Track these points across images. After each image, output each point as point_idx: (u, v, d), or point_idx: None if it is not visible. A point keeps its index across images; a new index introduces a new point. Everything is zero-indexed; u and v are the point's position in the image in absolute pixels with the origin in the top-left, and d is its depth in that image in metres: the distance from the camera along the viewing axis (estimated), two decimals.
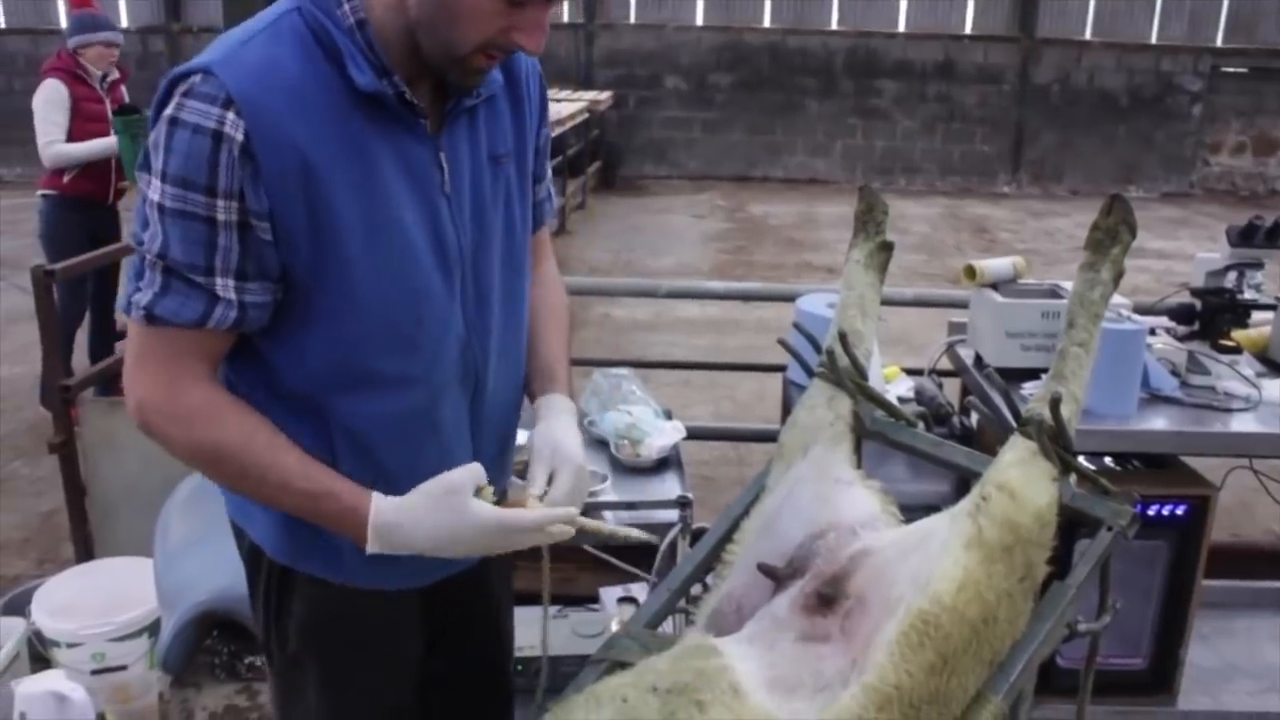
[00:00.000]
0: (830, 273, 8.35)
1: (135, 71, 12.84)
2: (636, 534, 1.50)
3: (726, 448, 4.70)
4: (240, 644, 1.70)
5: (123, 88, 4.89)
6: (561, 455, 1.44)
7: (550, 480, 1.43)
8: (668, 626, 1.64)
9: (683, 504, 2.34)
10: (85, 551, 3.15)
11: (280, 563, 1.47)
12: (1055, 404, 1.34)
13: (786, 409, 2.65)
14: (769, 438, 3.73)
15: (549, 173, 1.62)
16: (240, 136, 1.17)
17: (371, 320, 1.31)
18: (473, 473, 1.32)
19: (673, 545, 2.29)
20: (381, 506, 1.30)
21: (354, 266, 1.27)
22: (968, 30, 13.48)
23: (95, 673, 2.71)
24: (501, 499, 1.42)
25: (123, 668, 2.75)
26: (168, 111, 1.19)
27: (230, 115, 1.17)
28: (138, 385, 1.29)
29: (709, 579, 1.62)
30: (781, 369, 2.85)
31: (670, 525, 2.32)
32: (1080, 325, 1.45)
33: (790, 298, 2.95)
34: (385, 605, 1.51)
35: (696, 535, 2.58)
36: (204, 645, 2.87)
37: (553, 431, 1.48)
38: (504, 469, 1.59)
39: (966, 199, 12.78)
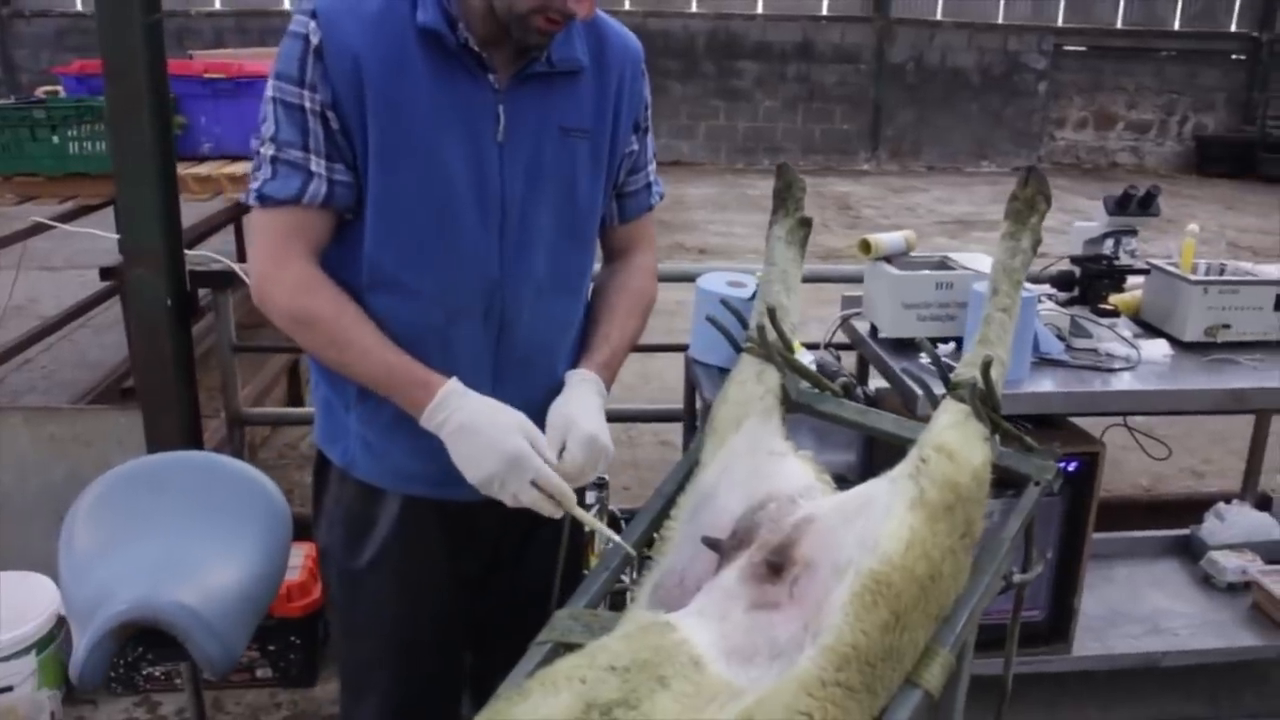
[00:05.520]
0: (702, 253, 8.44)
1: None
2: (612, 536, 1.56)
3: (617, 430, 4.71)
4: (161, 652, 1.64)
5: None
6: (575, 427, 1.54)
7: (562, 452, 1.52)
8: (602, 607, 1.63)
9: (600, 485, 2.35)
10: None
11: (318, 445, 1.70)
12: (986, 367, 1.39)
13: (692, 387, 2.67)
14: (658, 418, 3.75)
15: (650, 165, 1.76)
16: (316, 40, 1.44)
17: (403, 228, 1.51)
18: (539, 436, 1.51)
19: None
20: (456, 385, 1.50)
21: (385, 174, 1.48)
22: (824, 11, 13.77)
23: None
24: None
25: (9, 689, 2.62)
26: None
27: (313, 24, 1.45)
28: (255, 259, 1.53)
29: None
30: (670, 349, 2.86)
31: (588, 507, 2.32)
32: (1004, 291, 1.51)
33: (690, 278, 2.96)
34: (399, 509, 1.66)
35: (612, 518, 2.60)
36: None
37: (569, 403, 1.58)
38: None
39: (829, 176, 13.07)
